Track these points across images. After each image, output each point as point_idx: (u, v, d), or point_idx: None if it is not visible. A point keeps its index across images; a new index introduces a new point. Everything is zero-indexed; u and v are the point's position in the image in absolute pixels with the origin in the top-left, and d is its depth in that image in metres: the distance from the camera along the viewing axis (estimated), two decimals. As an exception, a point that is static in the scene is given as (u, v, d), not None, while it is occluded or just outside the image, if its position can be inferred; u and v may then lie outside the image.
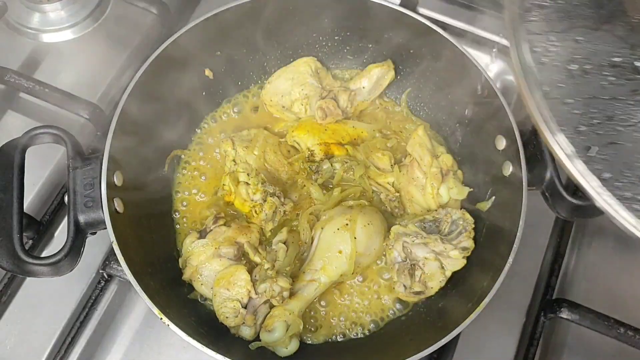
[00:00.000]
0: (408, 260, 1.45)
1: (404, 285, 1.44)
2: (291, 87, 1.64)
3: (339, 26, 1.68)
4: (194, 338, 1.21)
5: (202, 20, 1.51)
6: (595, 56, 1.07)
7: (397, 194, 1.56)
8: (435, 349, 1.24)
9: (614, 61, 1.06)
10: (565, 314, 1.49)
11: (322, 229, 1.47)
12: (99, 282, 1.55)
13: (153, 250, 1.44)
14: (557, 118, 1.00)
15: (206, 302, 1.47)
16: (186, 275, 1.44)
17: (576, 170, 0.97)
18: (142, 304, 1.57)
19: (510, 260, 1.29)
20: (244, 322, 1.37)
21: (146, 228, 1.46)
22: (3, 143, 1.33)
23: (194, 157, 1.66)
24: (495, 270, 1.30)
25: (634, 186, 0.96)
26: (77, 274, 1.34)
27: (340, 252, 1.43)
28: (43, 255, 1.36)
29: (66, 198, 1.28)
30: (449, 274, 1.44)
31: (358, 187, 1.58)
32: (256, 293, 1.37)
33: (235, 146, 1.56)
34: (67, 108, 1.66)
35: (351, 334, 1.47)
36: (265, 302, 1.39)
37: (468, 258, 1.43)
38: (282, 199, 1.50)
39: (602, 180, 0.96)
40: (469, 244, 1.43)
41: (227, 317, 1.37)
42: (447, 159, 1.54)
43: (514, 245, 1.30)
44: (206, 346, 1.20)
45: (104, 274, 1.55)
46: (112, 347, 1.54)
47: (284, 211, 1.51)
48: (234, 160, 1.56)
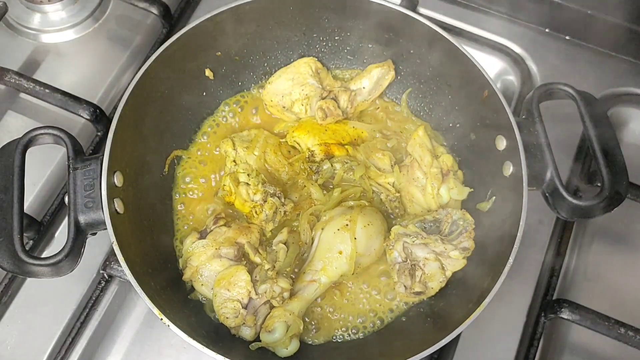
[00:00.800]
0: (408, 260, 1.44)
1: (405, 286, 1.44)
2: (291, 88, 1.64)
3: (339, 26, 1.67)
4: (194, 338, 1.21)
5: (203, 21, 1.51)
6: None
7: (398, 194, 1.56)
8: (436, 349, 1.24)
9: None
10: (565, 315, 1.49)
11: (322, 229, 1.47)
12: (99, 283, 1.55)
13: (153, 250, 1.44)
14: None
15: (207, 302, 1.47)
16: (186, 276, 1.44)
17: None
18: (142, 305, 1.57)
19: (510, 260, 1.29)
20: (244, 323, 1.37)
21: (146, 228, 1.46)
22: (3, 143, 1.33)
23: (194, 157, 1.65)
24: (495, 270, 1.30)
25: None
26: (77, 274, 1.34)
27: (340, 252, 1.43)
28: (43, 255, 1.36)
29: (66, 198, 1.28)
30: (449, 274, 1.44)
31: (358, 188, 1.58)
32: (256, 293, 1.37)
33: (235, 147, 1.56)
34: (68, 108, 1.66)
35: (351, 335, 1.48)
36: (265, 303, 1.39)
37: (468, 258, 1.43)
38: (283, 200, 1.51)
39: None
40: (470, 244, 1.43)
41: (227, 318, 1.37)
42: (447, 159, 1.54)
43: (515, 246, 1.30)
44: (206, 347, 1.20)
45: (105, 274, 1.55)
46: (112, 347, 1.54)
47: (285, 211, 1.51)
48: (234, 161, 1.56)
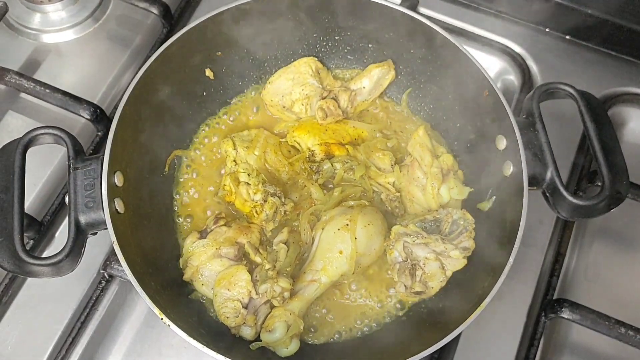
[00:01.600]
0: (409, 260, 1.44)
1: (405, 285, 1.44)
2: (292, 88, 1.64)
3: (339, 26, 1.67)
4: (194, 338, 1.21)
5: (203, 21, 1.51)
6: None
7: (398, 194, 1.56)
8: (436, 349, 1.24)
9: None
10: (566, 314, 1.49)
11: (322, 229, 1.47)
12: (99, 283, 1.56)
13: (154, 250, 1.44)
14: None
15: (207, 301, 1.47)
16: (187, 276, 1.44)
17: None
18: (143, 304, 1.57)
19: (511, 260, 1.28)
20: (244, 322, 1.37)
21: (147, 228, 1.46)
22: (4, 143, 1.33)
23: (194, 157, 1.66)
24: (496, 270, 1.30)
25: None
26: (78, 274, 1.35)
27: (340, 252, 1.43)
28: (44, 255, 1.36)
29: (67, 198, 1.28)
30: (449, 274, 1.44)
31: (359, 187, 1.58)
32: (257, 293, 1.37)
33: (236, 146, 1.56)
34: (68, 108, 1.66)
35: (351, 334, 1.48)
36: (265, 303, 1.39)
37: (469, 258, 1.43)
38: (283, 199, 1.51)
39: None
40: (470, 243, 1.43)
41: (227, 317, 1.37)
42: (447, 159, 1.54)
43: (515, 246, 1.29)
44: (207, 346, 1.20)
45: (105, 274, 1.55)
46: (113, 347, 1.54)
47: (285, 211, 1.51)
48: (234, 161, 1.56)
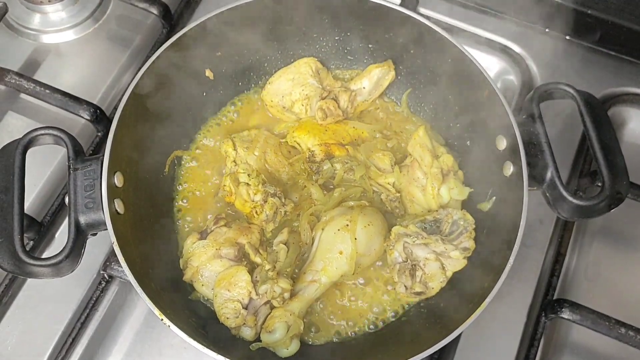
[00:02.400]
0: (409, 260, 1.44)
1: (405, 286, 1.44)
2: (292, 88, 1.64)
3: (339, 27, 1.67)
4: (194, 339, 1.20)
5: (203, 21, 1.51)
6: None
7: (398, 195, 1.56)
8: (436, 349, 1.24)
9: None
10: (566, 315, 1.49)
11: (322, 229, 1.46)
12: (99, 283, 1.55)
13: (154, 251, 1.44)
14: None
15: (207, 302, 1.47)
16: (187, 276, 1.44)
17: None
18: (143, 305, 1.57)
19: (511, 260, 1.29)
20: (244, 323, 1.37)
21: (147, 229, 1.46)
22: (4, 144, 1.33)
23: (194, 157, 1.66)
24: (496, 270, 1.30)
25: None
26: (78, 274, 1.34)
27: (341, 252, 1.43)
28: (44, 256, 1.36)
29: (67, 199, 1.28)
30: (449, 274, 1.44)
31: (359, 188, 1.57)
32: (257, 294, 1.37)
33: (235, 147, 1.56)
34: (68, 109, 1.66)
35: (352, 335, 1.47)
36: (266, 303, 1.39)
37: (469, 258, 1.43)
38: (283, 200, 1.51)
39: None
40: (470, 244, 1.43)
41: (227, 318, 1.37)
42: (447, 159, 1.54)
43: (515, 246, 1.29)
44: (207, 347, 1.20)
45: (105, 274, 1.55)
46: (113, 348, 1.54)
47: (285, 212, 1.51)
48: (234, 161, 1.56)
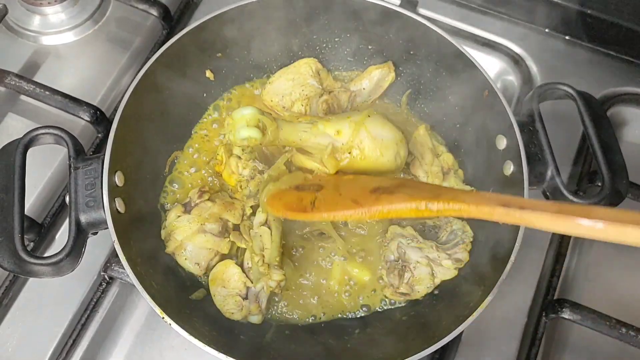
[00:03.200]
0: (400, 260, 1.45)
1: (392, 285, 1.44)
2: (292, 88, 1.64)
3: (339, 27, 1.68)
4: (195, 337, 1.20)
5: (203, 22, 1.51)
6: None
7: None
8: (437, 348, 1.24)
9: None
10: (567, 314, 1.49)
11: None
12: (100, 285, 1.55)
13: (154, 250, 1.44)
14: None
15: (207, 301, 1.47)
16: (169, 249, 1.44)
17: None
18: (143, 306, 1.57)
19: (511, 260, 1.29)
20: (250, 313, 1.39)
21: (147, 228, 1.46)
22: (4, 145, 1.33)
23: (193, 157, 1.65)
24: (496, 270, 1.30)
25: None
26: (78, 276, 1.34)
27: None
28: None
29: (67, 198, 1.28)
30: (438, 281, 1.44)
31: None
32: (252, 281, 1.39)
33: None
34: (68, 110, 1.66)
35: (352, 335, 1.47)
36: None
37: (469, 258, 1.43)
38: None
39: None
40: (464, 256, 1.43)
41: (232, 313, 1.39)
42: (448, 158, 1.54)
43: (515, 246, 1.29)
44: (208, 345, 1.20)
45: (105, 276, 1.54)
46: (113, 349, 1.54)
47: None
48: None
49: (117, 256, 1.26)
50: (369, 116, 1.43)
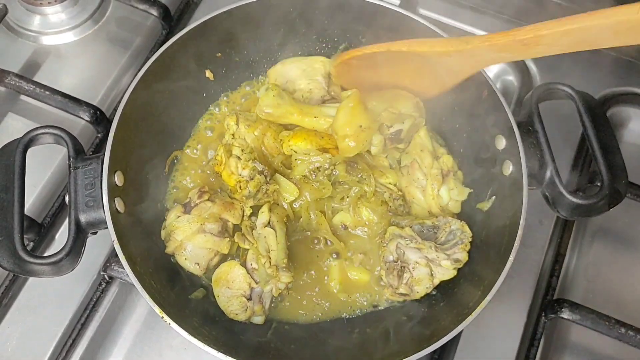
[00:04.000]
0: (399, 261, 1.44)
1: (391, 285, 1.45)
2: (300, 78, 1.62)
3: (338, 28, 1.68)
4: (195, 337, 1.20)
5: (203, 22, 1.51)
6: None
7: (401, 194, 1.56)
8: (436, 348, 1.24)
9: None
10: (566, 314, 1.49)
11: None
12: (100, 284, 1.56)
13: (154, 250, 1.44)
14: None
15: (207, 301, 1.47)
16: (169, 249, 1.44)
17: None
18: (143, 306, 1.57)
19: (511, 260, 1.28)
20: (254, 313, 1.39)
21: (147, 228, 1.46)
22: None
23: (193, 157, 1.65)
24: (495, 270, 1.30)
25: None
26: (78, 275, 1.35)
27: None
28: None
29: (67, 198, 1.29)
30: (437, 281, 1.43)
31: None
32: (256, 282, 1.39)
33: (238, 122, 1.55)
34: (68, 110, 1.67)
35: (351, 335, 1.47)
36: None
37: (469, 258, 1.43)
38: (268, 179, 1.50)
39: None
40: (463, 256, 1.42)
41: (237, 314, 1.39)
42: (447, 160, 1.54)
43: (515, 245, 1.29)
44: (207, 345, 1.20)
45: (105, 275, 1.55)
46: (113, 349, 1.54)
47: (267, 189, 1.49)
48: (233, 135, 1.55)
49: (116, 255, 1.26)
50: None
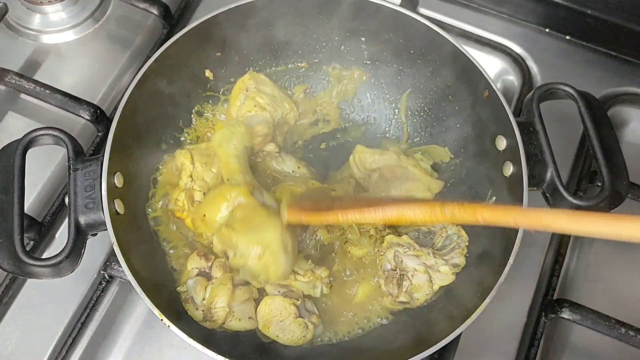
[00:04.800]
0: (398, 269, 1.44)
1: (391, 294, 1.44)
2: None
3: (338, 27, 1.67)
4: (194, 339, 1.20)
5: (203, 22, 1.51)
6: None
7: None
8: (436, 349, 1.23)
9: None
10: (566, 315, 1.49)
11: None
12: (100, 283, 1.55)
13: (154, 251, 1.44)
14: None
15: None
16: (218, 322, 1.35)
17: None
18: (143, 305, 1.57)
19: (511, 260, 1.28)
20: (314, 325, 1.39)
21: (146, 230, 1.46)
22: (4, 144, 1.33)
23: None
24: (495, 270, 1.30)
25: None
26: (78, 275, 1.34)
27: None
28: (44, 256, 1.36)
29: (67, 199, 1.28)
30: (436, 287, 1.43)
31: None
32: (298, 299, 1.39)
33: (193, 160, 1.48)
34: (68, 109, 1.66)
35: (350, 335, 1.47)
36: (307, 297, 1.42)
37: (469, 258, 1.43)
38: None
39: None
40: (461, 261, 1.42)
41: (304, 336, 1.37)
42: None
43: (515, 246, 1.29)
44: (207, 347, 1.20)
45: (105, 275, 1.55)
46: (113, 348, 1.54)
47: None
48: (191, 176, 1.47)
49: (116, 255, 1.26)
50: None
